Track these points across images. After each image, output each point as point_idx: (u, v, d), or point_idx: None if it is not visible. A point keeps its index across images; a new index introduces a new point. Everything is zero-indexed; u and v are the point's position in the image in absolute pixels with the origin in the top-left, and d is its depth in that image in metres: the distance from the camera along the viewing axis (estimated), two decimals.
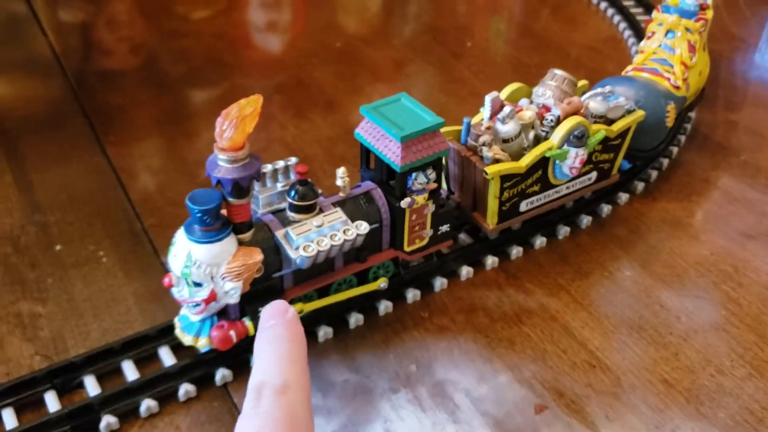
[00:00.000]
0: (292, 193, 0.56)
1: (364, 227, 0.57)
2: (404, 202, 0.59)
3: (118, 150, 0.84)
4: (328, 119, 0.91)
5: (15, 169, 0.81)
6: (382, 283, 0.63)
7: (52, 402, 0.55)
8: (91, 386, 0.56)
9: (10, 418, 0.54)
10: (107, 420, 0.54)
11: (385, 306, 0.64)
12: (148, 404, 0.55)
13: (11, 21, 1.11)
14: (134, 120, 0.90)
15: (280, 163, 0.61)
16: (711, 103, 0.96)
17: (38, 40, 1.07)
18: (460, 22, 1.18)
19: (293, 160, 0.62)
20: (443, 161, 0.61)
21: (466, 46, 1.10)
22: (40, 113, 0.92)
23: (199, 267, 0.51)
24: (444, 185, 0.69)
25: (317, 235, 0.55)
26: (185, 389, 0.56)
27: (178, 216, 0.71)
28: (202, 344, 0.55)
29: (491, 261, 0.69)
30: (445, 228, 0.64)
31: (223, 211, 0.53)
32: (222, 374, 0.57)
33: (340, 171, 0.59)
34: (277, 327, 0.42)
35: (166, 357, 0.58)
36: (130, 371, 0.57)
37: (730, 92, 1.00)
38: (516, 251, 0.71)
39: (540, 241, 0.72)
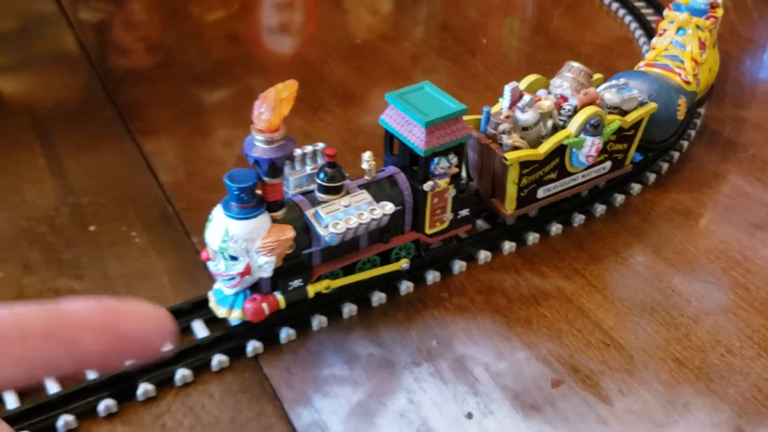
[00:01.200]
0: (321, 174, 0.59)
1: (389, 207, 0.60)
2: (427, 185, 0.62)
3: (147, 138, 0.87)
4: (348, 112, 0.94)
5: (48, 155, 0.84)
6: (404, 263, 0.65)
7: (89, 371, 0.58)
8: None
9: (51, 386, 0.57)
10: (144, 387, 0.57)
11: (406, 286, 0.67)
12: (182, 373, 0.58)
13: (41, 17, 1.15)
14: (161, 111, 0.93)
15: (309, 148, 0.64)
16: (720, 100, 0.98)
17: (67, 36, 1.10)
18: (475, 20, 1.21)
19: (321, 145, 0.65)
20: (464, 147, 0.64)
21: (481, 43, 1.12)
22: (70, 103, 0.95)
23: (236, 241, 0.54)
24: (463, 173, 0.72)
25: (345, 214, 0.58)
26: (218, 360, 0.59)
27: (208, 201, 0.73)
28: (236, 317, 0.58)
29: (509, 246, 0.72)
30: (464, 212, 0.67)
31: (258, 191, 0.56)
32: (253, 346, 0.60)
33: (366, 155, 0.62)
34: None
35: (200, 329, 0.61)
36: None
37: (739, 90, 1.02)
38: (533, 237, 0.73)
39: (556, 228, 0.74)
